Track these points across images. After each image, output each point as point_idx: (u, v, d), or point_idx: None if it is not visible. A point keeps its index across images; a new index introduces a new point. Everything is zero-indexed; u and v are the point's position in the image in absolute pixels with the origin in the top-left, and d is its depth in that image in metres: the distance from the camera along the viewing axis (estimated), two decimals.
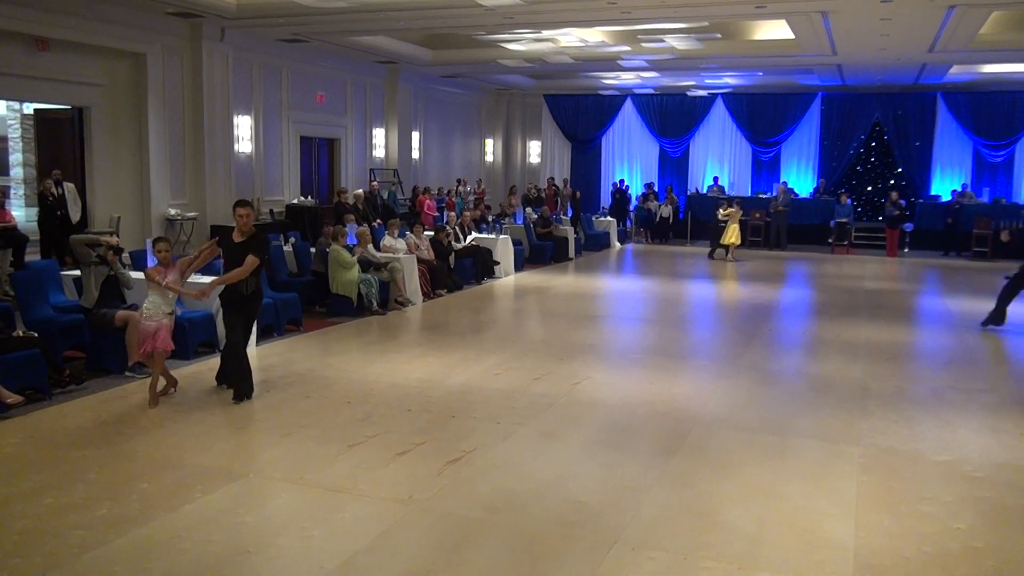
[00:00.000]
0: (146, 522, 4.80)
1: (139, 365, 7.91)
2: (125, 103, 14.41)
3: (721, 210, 18.99)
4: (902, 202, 20.58)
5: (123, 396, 7.37)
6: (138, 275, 8.86)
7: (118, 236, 11.29)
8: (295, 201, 17.77)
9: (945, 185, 22.77)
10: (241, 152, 16.39)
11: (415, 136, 22.31)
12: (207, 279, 8.32)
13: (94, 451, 5.95)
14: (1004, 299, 10.95)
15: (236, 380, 7.27)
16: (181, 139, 15.15)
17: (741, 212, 19.12)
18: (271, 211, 17.03)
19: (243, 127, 16.40)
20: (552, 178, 25.00)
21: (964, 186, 21.94)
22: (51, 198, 12.79)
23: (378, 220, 16.08)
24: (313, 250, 12.01)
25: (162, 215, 14.84)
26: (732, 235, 18.63)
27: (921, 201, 22.18)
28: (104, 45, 13.66)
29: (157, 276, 7.14)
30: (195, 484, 5.35)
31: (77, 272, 8.69)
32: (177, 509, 4.98)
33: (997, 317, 10.97)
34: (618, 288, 15.68)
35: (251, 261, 7.02)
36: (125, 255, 9.15)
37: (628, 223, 23.57)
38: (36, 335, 7.37)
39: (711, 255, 19.10)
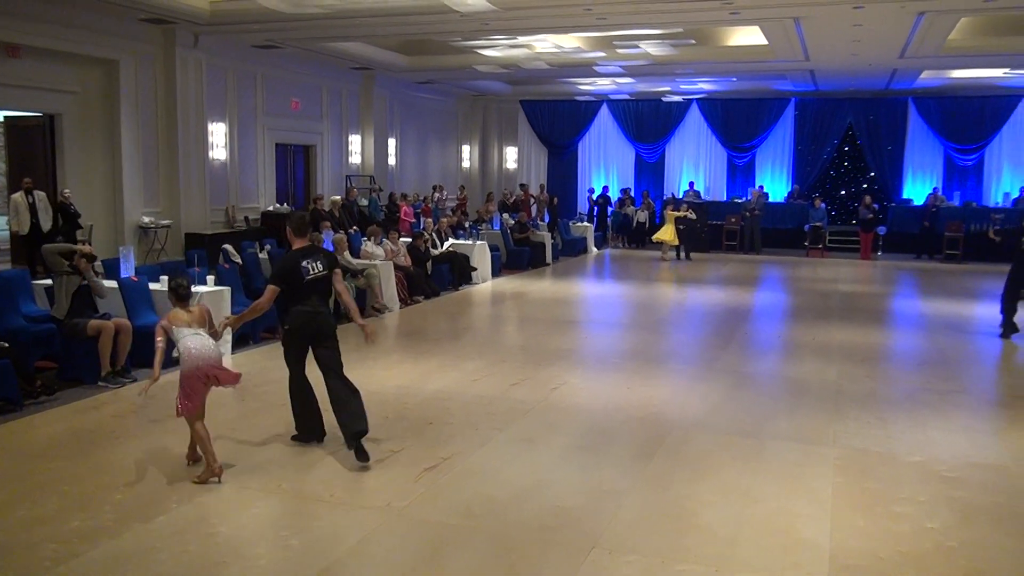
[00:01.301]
0: (120, 533, 4.75)
1: (112, 375, 7.83)
2: (97, 110, 14.29)
3: (671, 209, 19.68)
4: (875, 206, 20.82)
5: (96, 406, 7.28)
6: (111, 284, 8.79)
7: (91, 244, 11.16)
8: (271, 208, 17.68)
9: (917, 189, 23.09)
10: (216, 159, 16.29)
11: (391, 142, 22.28)
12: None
13: (66, 462, 5.88)
14: (1007, 308, 10.76)
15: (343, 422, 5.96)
16: (155, 146, 15.03)
17: (687, 214, 19.59)
18: (246, 219, 16.94)
19: (217, 134, 16.30)
20: (525, 184, 25.00)
21: (936, 190, 22.23)
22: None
23: (355, 227, 16.02)
24: None
25: (135, 223, 14.71)
26: (668, 233, 19.18)
27: (894, 205, 22.45)
28: (76, 52, 13.54)
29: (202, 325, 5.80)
30: (170, 495, 5.29)
31: (48, 281, 8.59)
32: (151, 520, 4.93)
33: (1011, 326, 10.76)
34: (595, 293, 15.72)
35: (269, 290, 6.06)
36: (98, 263, 9.04)
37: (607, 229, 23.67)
38: (7, 345, 7.26)
39: (680, 257, 19.66)
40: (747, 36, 16.67)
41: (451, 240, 15.70)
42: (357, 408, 5.91)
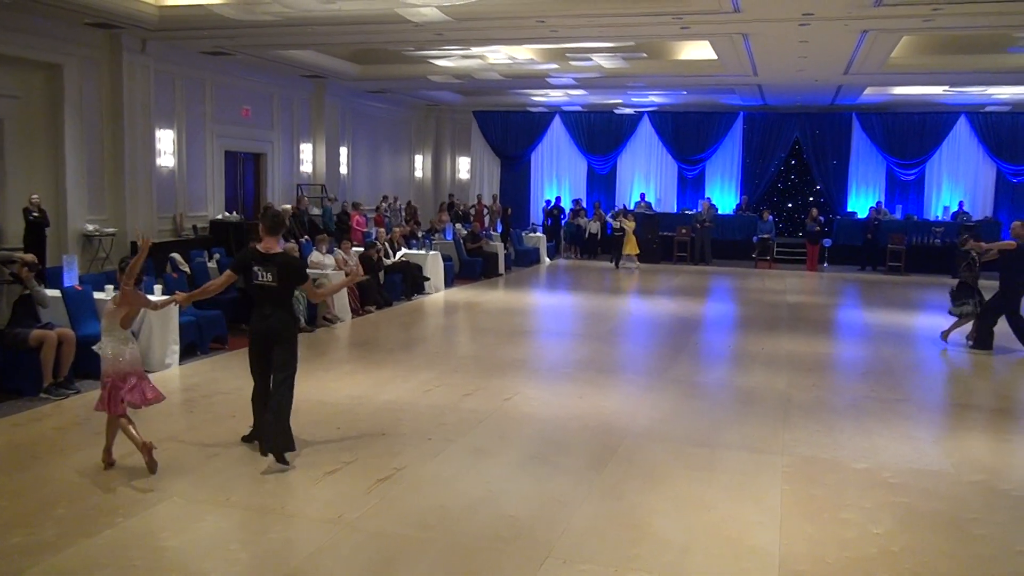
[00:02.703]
0: (63, 549, 4.62)
1: (54, 386, 7.65)
2: (40, 115, 13.93)
3: (613, 218, 20.55)
4: (821, 219, 21.27)
5: (38, 419, 7.09)
6: (54, 293, 8.57)
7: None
8: (220, 217, 17.42)
9: (861, 202, 23.65)
10: (163, 166, 16.01)
11: (343, 151, 22.11)
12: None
13: (6, 477, 5.70)
14: (1016, 328, 10.80)
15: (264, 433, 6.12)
16: (100, 153, 14.70)
17: (633, 225, 20.34)
18: (194, 227, 16.67)
19: (165, 141, 16.02)
20: (480, 195, 25.10)
21: (879, 203, 22.79)
22: None
23: (305, 236, 15.87)
24: None
25: (79, 231, 14.36)
26: (631, 246, 20.18)
27: (839, 217, 22.96)
28: (18, 55, 13.19)
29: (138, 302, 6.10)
30: (116, 508, 5.17)
31: None
32: (96, 535, 4.81)
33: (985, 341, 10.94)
34: (548, 303, 15.79)
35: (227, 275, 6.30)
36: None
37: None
38: None
39: (616, 265, 20.38)
40: (697, 51, 16.93)
41: (404, 250, 15.65)
42: (281, 427, 5.97)
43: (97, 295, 8.96)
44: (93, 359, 7.25)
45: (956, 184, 23.26)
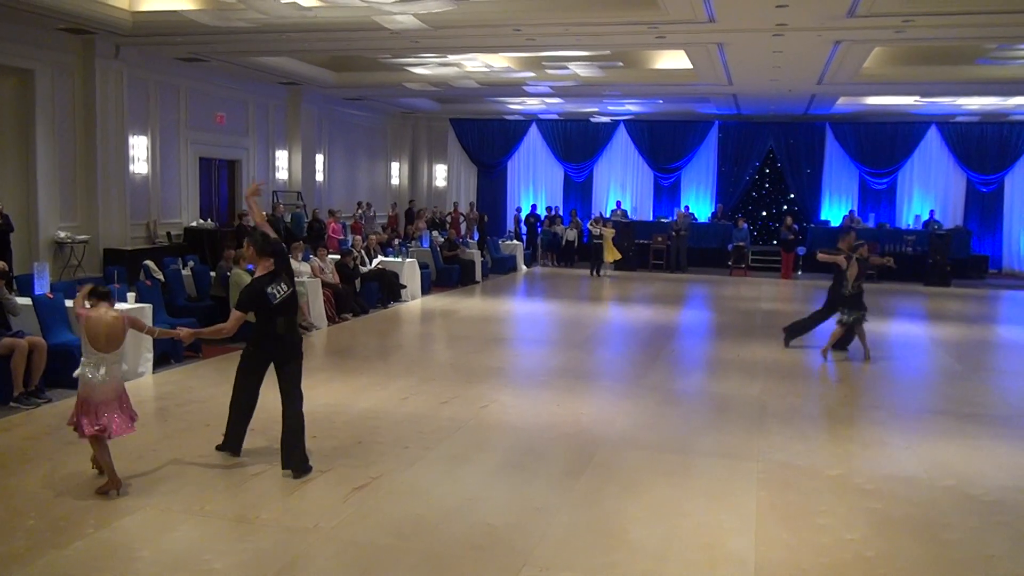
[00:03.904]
0: (32, 560, 4.55)
1: (25, 395, 7.54)
2: (11, 121, 13.76)
3: (592, 226, 20.71)
4: (795, 227, 21.47)
5: (8, 428, 6.99)
6: (25, 301, 8.46)
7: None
8: (194, 224, 17.28)
9: (834, 211, 23.92)
10: (136, 173, 15.86)
11: (319, 158, 22.03)
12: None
13: None
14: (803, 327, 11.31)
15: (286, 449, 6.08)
16: (72, 159, 14.53)
17: (613, 232, 20.46)
18: (168, 234, 16.52)
19: (139, 147, 15.88)
20: (457, 203, 25.12)
21: (851, 212, 23.03)
22: None
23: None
24: (213, 274, 11.70)
25: (51, 238, 14.18)
26: (611, 253, 20.19)
27: (812, 226, 23.18)
28: None
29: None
30: (87, 519, 5.10)
31: None
32: (67, 546, 4.74)
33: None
34: (524, 311, 15.80)
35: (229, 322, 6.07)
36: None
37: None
38: None
39: (594, 273, 20.36)
40: (673, 60, 17.06)
41: (380, 257, 15.60)
42: (302, 449, 6.05)
43: (68, 303, 8.83)
44: (65, 368, 7.18)
45: (927, 193, 23.60)
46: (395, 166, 26.96)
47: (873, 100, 20.71)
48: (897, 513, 5.56)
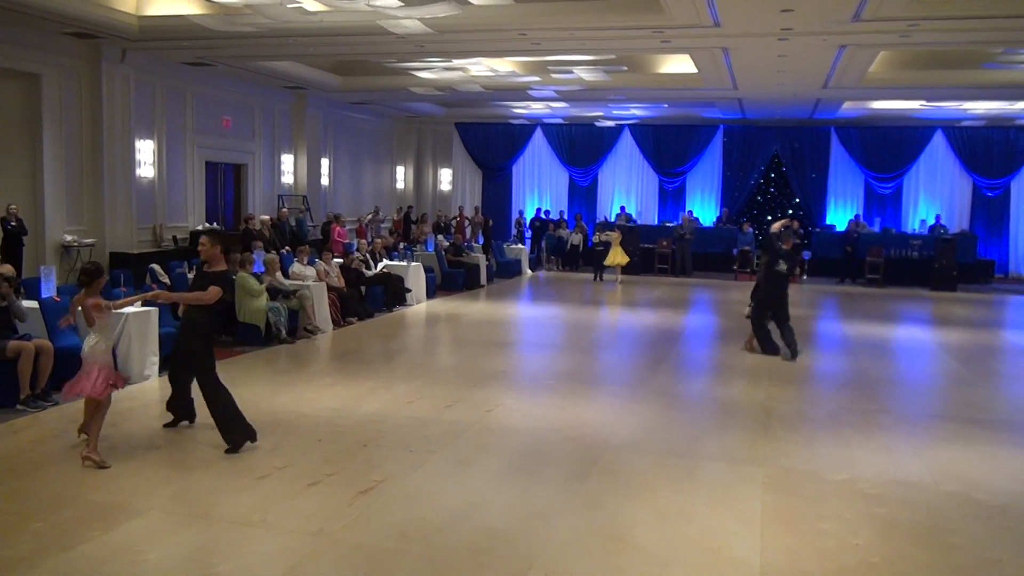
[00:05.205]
0: (39, 563, 4.57)
1: (32, 398, 7.56)
2: (18, 125, 13.82)
3: (598, 235, 20.45)
4: (800, 231, 21.43)
5: (14, 431, 7.01)
6: (31, 304, 8.49)
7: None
8: (200, 227, 17.31)
9: (839, 215, 23.87)
10: (143, 177, 15.91)
11: (324, 163, 22.08)
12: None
13: None
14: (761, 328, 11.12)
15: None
16: (78, 163, 14.59)
17: (620, 236, 20.08)
18: (174, 238, 16.57)
19: (145, 151, 15.93)
20: (462, 206, 25.15)
21: (857, 216, 23.01)
22: None
23: (287, 247, 15.81)
24: None
25: (58, 242, 14.24)
26: (619, 256, 19.70)
27: (817, 230, 23.15)
28: None
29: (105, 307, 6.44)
30: (93, 522, 5.12)
31: None
32: (73, 549, 4.75)
33: (772, 348, 11.06)
34: (529, 315, 15.80)
35: (213, 291, 6.66)
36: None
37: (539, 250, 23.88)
38: None
39: (597, 278, 20.17)
40: (678, 64, 17.06)
41: (385, 261, 15.62)
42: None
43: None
44: (70, 370, 7.19)
45: (933, 198, 23.54)
46: (400, 170, 27.00)
47: (878, 104, 20.67)
48: (902, 518, 5.55)
